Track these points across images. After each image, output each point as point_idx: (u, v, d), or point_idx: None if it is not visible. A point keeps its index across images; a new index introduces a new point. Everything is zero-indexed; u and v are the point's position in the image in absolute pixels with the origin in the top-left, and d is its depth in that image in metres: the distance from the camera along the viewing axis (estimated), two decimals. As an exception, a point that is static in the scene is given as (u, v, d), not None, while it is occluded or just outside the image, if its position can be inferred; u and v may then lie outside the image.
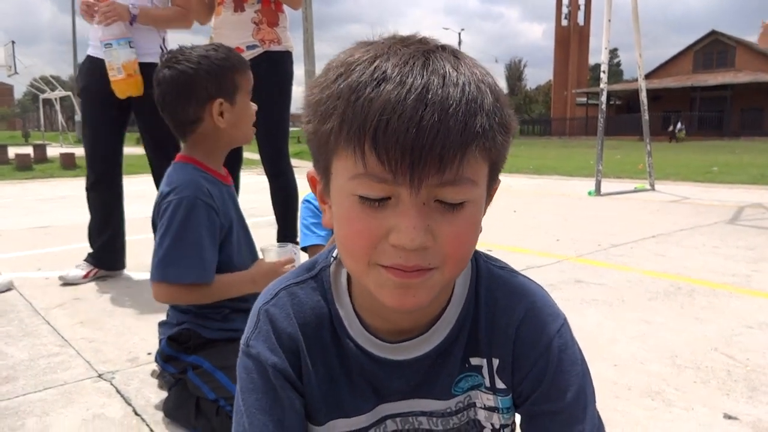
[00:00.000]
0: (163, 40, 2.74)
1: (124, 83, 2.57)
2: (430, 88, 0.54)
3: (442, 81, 0.55)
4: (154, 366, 1.55)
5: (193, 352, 1.43)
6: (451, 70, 0.56)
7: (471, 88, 0.56)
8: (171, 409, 1.46)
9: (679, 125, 30.49)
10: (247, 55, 2.55)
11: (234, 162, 2.60)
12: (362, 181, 0.56)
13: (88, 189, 2.86)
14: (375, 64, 0.56)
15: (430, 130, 0.53)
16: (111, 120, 2.74)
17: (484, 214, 0.64)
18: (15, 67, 22.44)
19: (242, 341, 0.72)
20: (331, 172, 0.61)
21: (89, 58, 2.72)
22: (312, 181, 0.69)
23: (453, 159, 0.54)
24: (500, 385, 0.73)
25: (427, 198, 0.56)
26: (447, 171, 0.55)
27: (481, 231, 0.63)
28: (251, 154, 7.59)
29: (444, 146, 0.53)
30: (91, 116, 2.79)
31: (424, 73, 0.55)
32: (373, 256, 0.59)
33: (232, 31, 2.54)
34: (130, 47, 2.57)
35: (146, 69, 2.60)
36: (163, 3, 2.73)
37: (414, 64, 0.56)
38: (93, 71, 2.65)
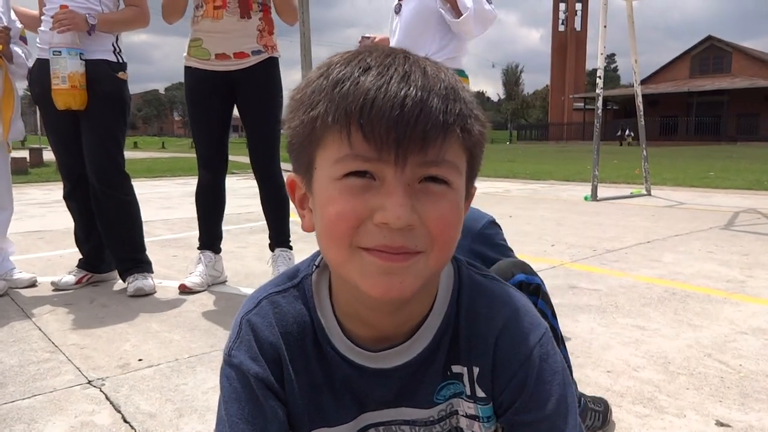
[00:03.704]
0: (116, 38, 2.66)
1: (66, 94, 2.47)
2: (412, 76, 0.58)
3: (422, 72, 0.59)
4: (142, 372, 1.51)
5: None
6: (429, 67, 0.60)
7: (449, 81, 0.60)
8: None
9: (627, 131, 34.60)
10: (252, 60, 2.60)
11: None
12: (348, 162, 0.57)
13: (65, 197, 2.84)
14: (358, 58, 0.60)
15: (413, 107, 0.55)
16: (74, 125, 2.63)
17: (465, 213, 0.65)
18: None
19: (224, 350, 0.72)
20: (314, 166, 0.61)
21: (41, 62, 2.57)
22: (291, 186, 0.68)
23: (436, 138, 0.56)
24: (480, 393, 0.73)
25: (412, 179, 0.57)
26: (430, 150, 0.57)
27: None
28: (243, 158, 7.60)
29: (427, 124, 0.56)
30: (54, 124, 2.66)
31: (406, 64, 0.59)
32: (356, 239, 0.58)
33: (238, 37, 2.56)
34: (80, 59, 2.48)
35: (98, 66, 2.55)
36: (114, 4, 2.65)
37: (395, 57, 0.60)
38: (48, 76, 2.50)
